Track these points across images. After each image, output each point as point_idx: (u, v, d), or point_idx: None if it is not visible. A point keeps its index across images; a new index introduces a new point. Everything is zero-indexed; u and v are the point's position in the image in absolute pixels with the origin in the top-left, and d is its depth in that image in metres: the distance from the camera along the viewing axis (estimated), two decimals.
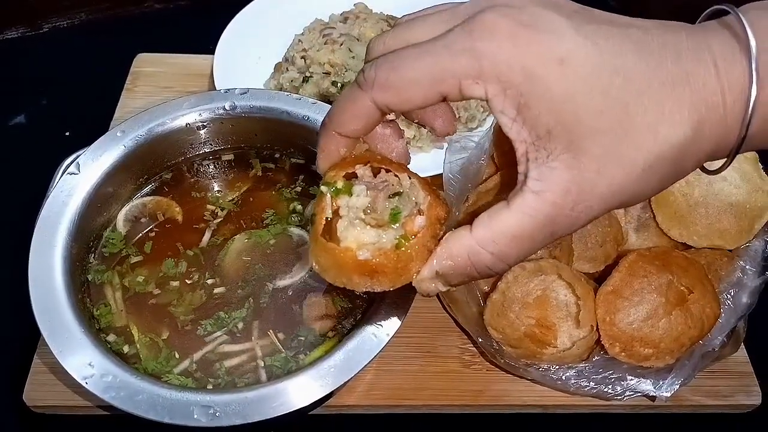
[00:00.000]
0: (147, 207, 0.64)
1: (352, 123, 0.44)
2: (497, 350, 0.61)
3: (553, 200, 0.38)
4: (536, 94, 0.37)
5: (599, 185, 0.38)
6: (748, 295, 0.62)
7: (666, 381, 0.59)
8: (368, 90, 0.41)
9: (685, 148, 0.38)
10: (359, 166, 0.47)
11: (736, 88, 0.37)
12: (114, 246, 0.61)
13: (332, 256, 0.45)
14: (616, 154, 0.37)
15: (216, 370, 0.54)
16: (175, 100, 0.66)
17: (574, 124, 0.37)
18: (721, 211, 0.63)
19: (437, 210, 0.46)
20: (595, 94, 0.37)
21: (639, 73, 0.37)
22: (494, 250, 0.40)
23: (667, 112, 0.37)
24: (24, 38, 0.98)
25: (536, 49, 0.37)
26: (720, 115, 0.37)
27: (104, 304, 0.58)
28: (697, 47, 0.38)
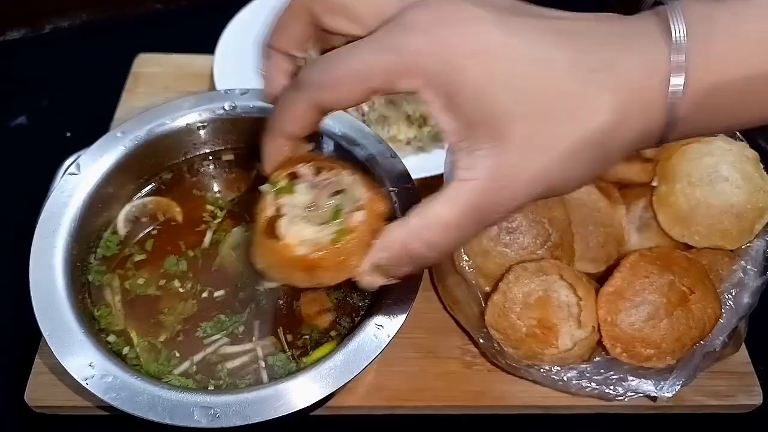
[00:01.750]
0: (147, 207, 0.64)
1: (292, 124, 0.46)
2: (498, 351, 0.61)
3: (479, 187, 0.39)
4: (458, 84, 0.39)
5: (522, 172, 0.39)
6: (749, 295, 0.62)
7: (667, 381, 0.59)
8: (305, 91, 0.43)
9: (608, 133, 0.38)
10: (301, 165, 0.49)
11: (662, 75, 0.37)
12: (113, 248, 0.61)
13: (273, 253, 0.46)
14: (537, 140, 0.38)
15: (218, 372, 0.54)
16: (175, 100, 0.66)
17: (496, 113, 0.38)
18: (723, 212, 0.63)
19: (377, 205, 0.47)
20: (515, 83, 0.38)
21: (560, 61, 0.38)
22: (425, 238, 0.41)
23: (587, 99, 0.38)
24: (25, 39, 0.99)
25: (455, 42, 0.39)
26: (644, 102, 0.38)
27: (105, 305, 0.58)
28: (624, 35, 0.39)
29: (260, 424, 0.47)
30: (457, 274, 0.62)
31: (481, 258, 0.62)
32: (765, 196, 0.64)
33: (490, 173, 0.39)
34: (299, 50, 0.47)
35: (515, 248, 0.61)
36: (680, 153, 0.67)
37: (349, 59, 0.41)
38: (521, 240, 0.61)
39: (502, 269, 0.61)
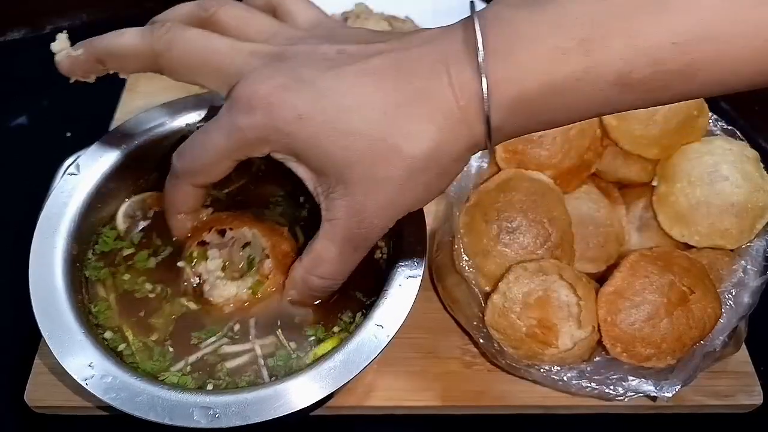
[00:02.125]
0: (146, 202, 0.64)
1: (185, 205, 0.55)
2: (498, 351, 0.61)
3: (342, 225, 0.46)
4: (295, 145, 0.45)
5: (370, 205, 0.45)
6: (749, 295, 0.62)
7: (667, 381, 0.59)
8: (182, 178, 0.51)
9: (434, 156, 0.43)
10: (205, 234, 0.56)
11: (470, 90, 0.41)
12: (109, 243, 0.60)
13: (210, 316, 0.55)
14: (373, 177, 0.44)
15: (217, 371, 0.54)
16: (176, 100, 0.66)
17: (335, 162, 0.44)
18: (723, 211, 0.63)
19: (282, 247, 0.56)
20: (338, 134, 0.43)
21: (376, 102, 0.42)
22: (318, 273, 0.50)
23: (405, 132, 0.42)
24: (25, 39, 0.98)
25: (281, 112, 0.44)
26: (460, 120, 0.42)
27: (102, 299, 0.57)
28: (432, 59, 0.42)
29: (260, 424, 0.48)
30: (457, 274, 0.62)
31: (480, 258, 0.62)
32: (765, 196, 0.64)
33: (346, 211, 0.46)
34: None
35: (515, 248, 0.61)
36: (680, 153, 0.67)
37: (205, 146, 0.48)
38: (521, 240, 0.61)
39: (502, 269, 0.61)
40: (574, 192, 0.67)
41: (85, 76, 0.52)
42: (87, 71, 0.51)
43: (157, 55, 0.48)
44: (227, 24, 0.50)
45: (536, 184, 0.64)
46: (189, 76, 0.49)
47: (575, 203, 0.66)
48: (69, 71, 0.51)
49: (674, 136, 0.66)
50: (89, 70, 0.51)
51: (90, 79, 0.52)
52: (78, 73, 0.51)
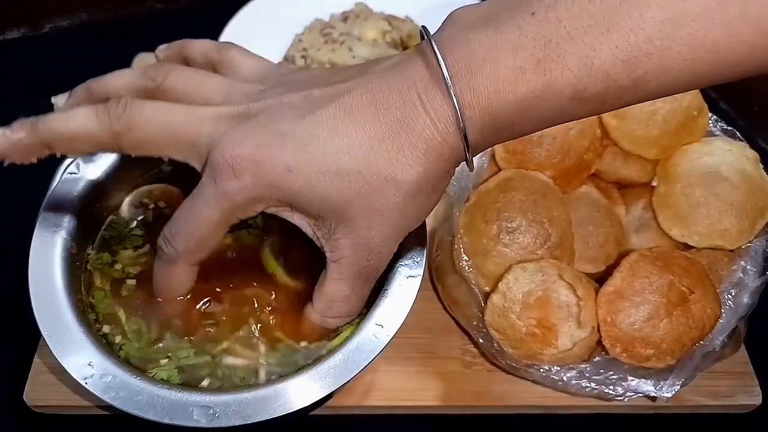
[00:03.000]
0: (153, 193, 0.64)
1: (181, 289, 0.53)
2: (498, 351, 0.61)
3: (349, 262, 0.47)
4: (289, 197, 0.45)
5: (374, 237, 0.46)
6: (749, 296, 0.62)
7: (667, 381, 0.59)
8: (177, 261, 0.50)
9: (425, 178, 0.44)
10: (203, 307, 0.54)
11: (444, 115, 0.42)
12: (115, 230, 0.60)
13: None
14: (372, 210, 0.45)
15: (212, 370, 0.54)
16: None
17: (332, 204, 0.45)
18: (722, 212, 0.63)
19: (285, 292, 0.56)
20: (330, 177, 0.44)
21: (359, 140, 0.43)
22: (334, 314, 0.51)
23: (394, 162, 0.43)
24: (25, 39, 0.98)
25: (268, 169, 0.44)
26: (440, 142, 0.43)
27: (99, 288, 0.57)
28: (402, 89, 0.43)
29: (259, 423, 0.47)
30: (457, 274, 0.62)
31: (480, 258, 0.62)
32: (765, 196, 0.64)
33: (352, 248, 0.47)
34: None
35: (515, 248, 0.61)
36: (680, 153, 0.67)
37: (197, 222, 0.47)
38: (521, 240, 0.61)
39: (501, 269, 0.61)
40: (574, 192, 0.67)
41: (24, 160, 0.47)
42: (27, 155, 0.47)
43: (118, 137, 0.46)
44: (178, 91, 0.49)
45: (536, 184, 0.64)
46: (154, 152, 0.48)
47: (575, 203, 0.66)
48: (4, 155, 0.46)
49: (674, 136, 0.66)
50: (30, 154, 0.47)
51: (28, 161, 0.47)
52: (16, 157, 0.47)
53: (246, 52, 0.53)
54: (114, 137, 0.47)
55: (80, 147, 0.48)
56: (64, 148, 0.47)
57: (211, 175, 0.45)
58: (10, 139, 0.46)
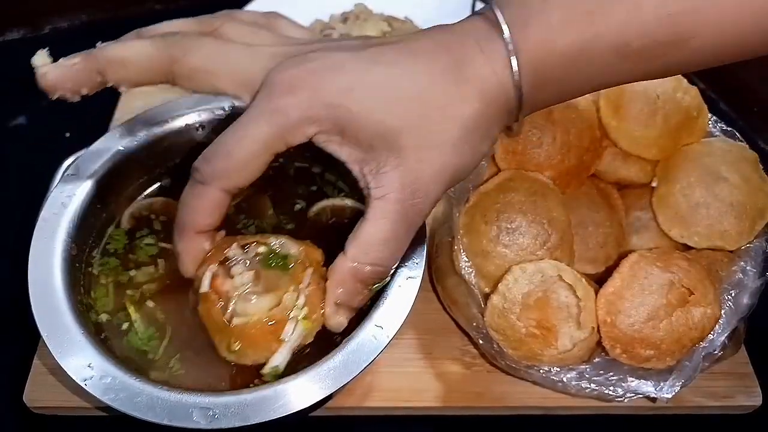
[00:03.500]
0: (153, 207, 0.64)
1: (208, 218, 0.48)
2: (498, 352, 0.61)
3: (396, 198, 0.45)
4: (345, 120, 0.44)
5: (425, 171, 0.44)
6: (749, 296, 0.62)
7: (667, 382, 0.59)
8: (212, 183, 0.46)
9: (480, 118, 0.44)
10: (227, 249, 0.50)
11: (500, 58, 0.43)
12: (118, 242, 0.61)
13: (246, 336, 0.48)
14: (426, 141, 0.44)
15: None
16: (175, 100, 0.65)
17: (385, 132, 0.44)
18: (722, 212, 0.63)
19: (314, 255, 0.51)
20: (390, 102, 0.44)
21: (418, 72, 0.44)
22: (370, 260, 0.46)
23: (453, 95, 0.44)
24: (25, 39, 0.98)
25: (328, 86, 0.44)
26: (495, 82, 0.44)
27: (101, 285, 0.58)
28: (461, 37, 0.45)
29: (259, 425, 0.47)
30: (457, 275, 0.62)
31: (480, 259, 0.62)
32: (764, 197, 0.64)
33: (400, 183, 0.44)
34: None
35: (515, 249, 0.61)
36: (680, 154, 0.67)
37: (243, 139, 0.45)
38: (521, 241, 0.61)
39: (501, 270, 0.61)
40: (574, 193, 0.67)
41: (75, 91, 0.47)
42: (80, 84, 0.47)
43: (173, 62, 0.47)
44: (233, 37, 0.50)
45: (536, 184, 0.64)
46: (206, 81, 0.48)
47: (575, 204, 0.66)
48: (56, 85, 0.47)
49: (674, 137, 0.66)
50: (83, 83, 0.47)
51: (75, 97, 0.47)
52: (67, 86, 0.47)
53: (293, 22, 0.54)
54: (169, 62, 0.47)
55: (132, 74, 0.47)
56: (116, 75, 0.47)
57: (266, 92, 0.45)
58: (65, 64, 0.47)
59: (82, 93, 0.47)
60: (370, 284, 0.48)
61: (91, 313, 0.56)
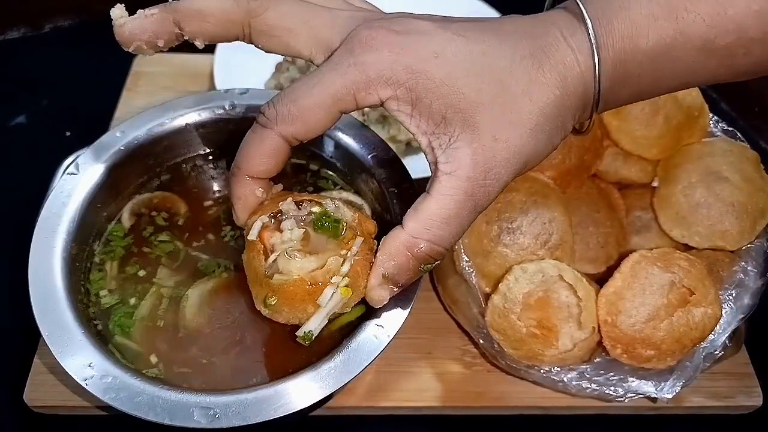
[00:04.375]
0: (153, 201, 0.64)
1: (264, 162, 0.47)
2: (498, 351, 0.61)
3: (465, 175, 0.42)
4: (423, 86, 0.42)
5: (500, 151, 0.43)
6: (749, 296, 0.62)
7: (667, 382, 0.59)
8: (274, 127, 0.45)
9: (559, 106, 0.43)
10: (282, 203, 0.48)
11: (583, 49, 0.43)
12: (119, 238, 0.61)
13: (284, 293, 0.46)
14: (505, 120, 0.42)
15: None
16: (175, 99, 0.66)
17: (463, 104, 0.42)
18: (723, 212, 0.63)
19: (367, 225, 0.49)
20: (472, 75, 0.42)
21: (502, 51, 0.43)
22: (429, 236, 0.44)
23: (534, 79, 0.43)
24: (25, 38, 0.98)
25: (413, 50, 0.42)
26: (578, 72, 0.43)
27: (99, 269, 0.59)
28: (544, 25, 0.44)
29: (260, 424, 0.47)
30: (458, 274, 0.62)
31: (481, 259, 0.61)
32: (765, 197, 0.64)
33: (473, 160, 0.42)
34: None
35: (515, 249, 0.61)
36: (681, 153, 0.67)
37: (314, 87, 0.43)
38: (521, 241, 0.61)
39: (502, 270, 0.61)
40: (575, 193, 0.67)
41: (151, 43, 0.45)
42: (157, 35, 0.45)
43: (252, 16, 0.45)
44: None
45: (536, 184, 0.64)
46: (282, 40, 0.46)
47: (575, 204, 0.66)
48: (133, 36, 0.45)
49: (675, 137, 0.66)
50: (160, 34, 0.45)
51: (150, 50, 0.46)
52: (144, 37, 0.45)
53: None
54: (247, 17, 0.45)
55: (210, 26, 0.45)
56: (193, 27, 0.45)
57: (347, 47, 0.43)
58: (143, 15, 0.45)
59: (158, 45, 0.45)
60: (424, 262, 0.45)
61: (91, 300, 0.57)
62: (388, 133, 0.79)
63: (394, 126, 0.80)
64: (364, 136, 0.63)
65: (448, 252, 0.45)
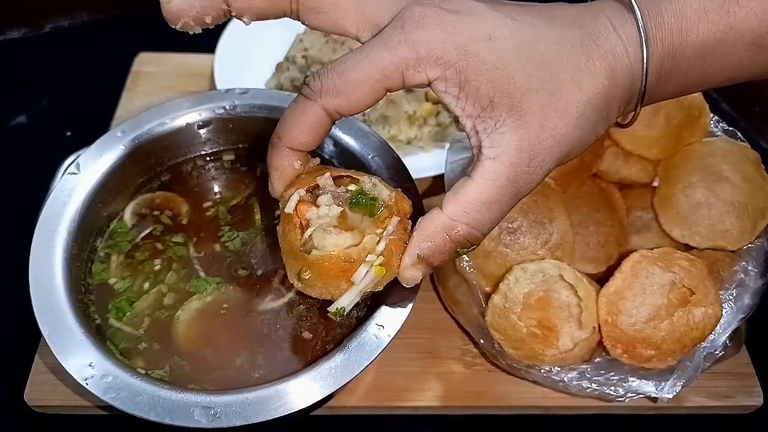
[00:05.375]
0: (155, 201, 0.64)
1: (304, 134, 0.45)
2: (499, 351, 0.61)
3: (510, 161, 0.42)
4: (473, 68, 0.42)
5: (546, 138, 0.42)
6: (750, 296, 0.62)
7: (668, 382, 0.59)
8: (317, 99, 0.44)
9: (606, 96, 0.43)
10: (320, 177, 0.48)
11: (632, 40, 0.43)
12: (124, 233, 0.61)
13: (317, 267, 0.45)
14: (552, 107, 0.42)
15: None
16: (176, 99, 0.66)
17: (512, 89, 0.42)
18: (723, 212, 0.63)
19: (403, 204, 0.48)
20: (523, 60, 0.42)
21: (553, 38, 0.43)
22: (467, 220, 0.43)
23: (583, 67, 0.42)
24: (25, 38, 0.98)
25: (465, 30, 0.42)
26: (626, 64, 0.43)
27: (101, 261, 0.59)
28: (593, 14, 0.44)
29: (260, 424, 0.47)
30: (458, 274, 0.62)
31: (481, 259, 0.61)
32: (766, 197, 0.64)
33: (518, 145, 0.42)
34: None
35: (516, 249, 0.61)
36: (681, 153, 0.66)
37: (362, 61, 0.42)
38: (522, 240, 0.61)
39: (502, 270, 0.61)
40: (575, 192, 0.67)
41: (198, 20, 0.44)
42: (204, 11, 0.44)
43: None
44: None
45: None
46: (329, 16, 0.44)
47: (576, 204, 0.66)
48: (180, 13, 0.43)
49: (675, 136, 0.66)
50: (208, 11, 0.44)
51: (197, 28, 0.44)
52: (192, 13, 0.43)
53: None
54: None
55: (258, 1, 0.44)
56: (241, 2, 0.44)
57: (398, 24, 0.42)
58: None
59: (205, 22, 0.44)
60: (460, 246, 0.45)
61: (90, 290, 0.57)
62: (388, 132, 0.79)
63: (395, 126, 0.80)
64: (365, 136, 0.63)
65: (484, 237, 0.45)
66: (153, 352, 0.55)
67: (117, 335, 0.55)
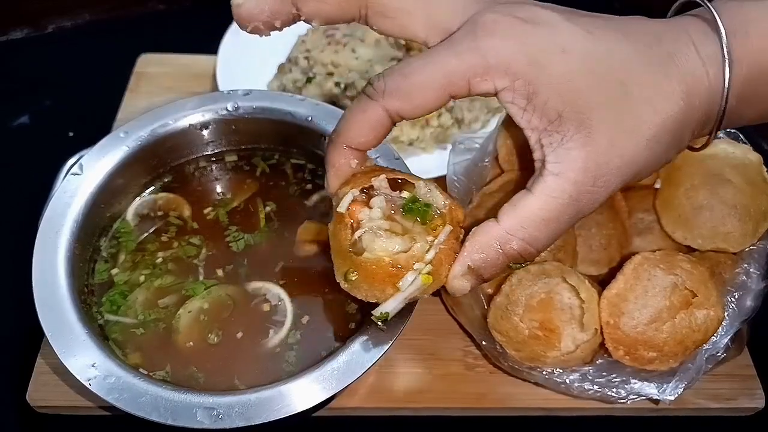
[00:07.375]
0: (157, 203, 0.64)
1: (363, 134, 0.44)
2: (501, 353, 0.61)
3: (574, 179, 0.40)
4: (543, 81, 0.40)
5: (614, 158, 0.41)
6: (752, 299, 0.62)
7: (670, 384, 0.59)
8: (379, 99, 0.43)
9: (681, 117, 0.41)
10: (374, 179, 0.47)
11: (714, 61, 0.41)
12: (128, 233, 0.61)
13: (364, 270, 0.45)
14: (623, 127, 0.40)
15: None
16: (178, 100, 0.66)
17: (582, 105, 0.40)
18: (725, 215, 0.63)
19: (457, 213, 0.47)
20: (596, 75, 0.40)
21: (629, 54, 0.41)
22: (524, 235, 0.42)
23: (660, 87, 0.41)
24: (28, 39, 0.99)
25: (538, 41, 0.40)
26: (705, 86, 0.41)
27: (105, 261, 0.59)
28: (674, 31, 0.42)
29: (262, 425, 0.48)
30: None
31: None
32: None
33: (585, 164, 0.40)
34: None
35: None
36: (684, 155, 0.66)
37: (428, 65, 0.41)
38: None
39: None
40: None
41: (269, 24, 0.43)
42: (275, 16, 0.43)
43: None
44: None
45: None
46: (398, 21, 0.43)
47: None
48: (251, 17, 0.43)
49: None
50: (277, 15, 0.43)
51: (267, 32, 0.44)
52: (262, 17, 0.43)
53: None
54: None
55: (327, 6, 0.43)
56: (311, 7, 0.43)
57: (469, 29, 0.41)
58: None
59: (275, 26, 0.44)
60: (513, 261, 0.43)
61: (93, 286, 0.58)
62: (390, 133, 0.79)
63: (397, 127, 0.80)
64: None
65: (539, 254, 0.44)
66: (151, 350, 0.55)
67: (112, 328, 0.56)
